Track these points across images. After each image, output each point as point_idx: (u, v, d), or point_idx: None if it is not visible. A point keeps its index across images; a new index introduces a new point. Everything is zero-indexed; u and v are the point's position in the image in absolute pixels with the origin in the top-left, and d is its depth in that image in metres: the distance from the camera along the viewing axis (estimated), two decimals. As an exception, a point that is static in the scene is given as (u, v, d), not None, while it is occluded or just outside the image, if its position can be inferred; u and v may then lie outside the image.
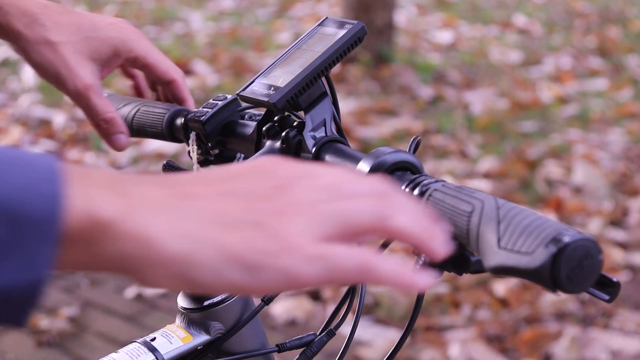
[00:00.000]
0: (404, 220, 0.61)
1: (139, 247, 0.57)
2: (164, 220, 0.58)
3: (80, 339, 2.82)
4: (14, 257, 0.54)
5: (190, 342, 0.95)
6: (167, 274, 0.58)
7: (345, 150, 0.92)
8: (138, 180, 0.60)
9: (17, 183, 0.55)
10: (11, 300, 0.55)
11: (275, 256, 0.58)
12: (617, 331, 2.82)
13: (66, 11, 1.09)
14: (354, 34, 0.94)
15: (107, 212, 0.56)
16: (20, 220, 0.54)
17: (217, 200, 0.60)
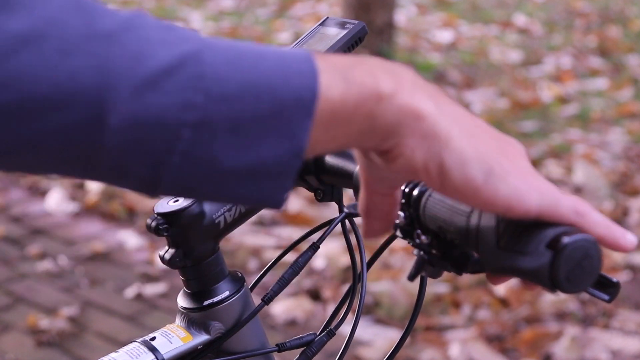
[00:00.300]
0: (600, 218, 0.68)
1: (411, 117, 0.64)
2: (432, 104, 0.64)
3: (80, 339, 2.82)
4: (277, 131, 0.60)
5: (190, 341, 0.95)
6: (425, 147, 0.64)
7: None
8: (398, 67, 0.66)
9: (276, 65, 0.61)
10: (274, 173, 0.62)
11: (512, 175, 0.65)
12: (617, 331, 2.82)
13: None
14: (354, 33, 0.94)
15: (387, 87, 0.63)
16: (282, 97, 0.60)
17: (469, 119, 0.67)
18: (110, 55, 0.58)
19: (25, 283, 3.15)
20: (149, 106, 0.58)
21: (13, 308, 2.99)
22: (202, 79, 0.59)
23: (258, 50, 0.62)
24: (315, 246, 0.97)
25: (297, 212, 3.48)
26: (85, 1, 0.60)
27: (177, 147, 0.59)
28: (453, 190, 0.66)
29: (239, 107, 0.60)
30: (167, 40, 0.60)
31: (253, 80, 0.60)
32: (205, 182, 0.61)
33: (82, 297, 3.05)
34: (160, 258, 0.95)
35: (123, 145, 0.58)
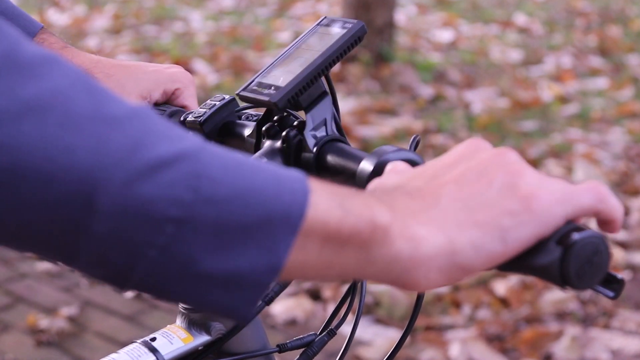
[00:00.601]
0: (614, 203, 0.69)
1: (408, 247, 0.64)
2: (423, 223, 0.65)
3: (79, 339, 2.82)
4: (259, 243, 0.61)
5: (191, 342, 0.95)
6: (434, 268, 0.64)
7: (347, 149, 0.92)
8: (386, 192, 0.68)
9: (271, 180, 0.62)
10: (246, 284, 0.61)
11: (523, 214, 0.65)
12: (617, 331, 2.82)
13: (118, 64, 1.15)
14: (354, 33, 0.93)
15: (383, 219, 0.64)
16: (271, 210, 0.61)
17: (455, 186, 0.66)
18: (110, 139, 0.58)
19: (25, 283, 3.15)
20: (139, 196, 0.58)
21: (13, 308, 2.99)
22: (196, 177, 0.59)
23: (255, 163, 0.63)
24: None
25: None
26: (94, 83, 0.60)
27: (158, 241, 0.59)
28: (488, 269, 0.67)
29: (226, 212, 0.60)
30: (169, 134, 0.60)
31: (245, 189, 0.60)
32: (176, 282, 0.61)
33: (82, 297, 3.05)
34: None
35: (108, 231, 0.58)
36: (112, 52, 5.75)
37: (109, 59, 1.16)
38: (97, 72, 1.13)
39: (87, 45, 5.91)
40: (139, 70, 1.15)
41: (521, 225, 0.65)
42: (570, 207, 0.66)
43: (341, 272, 0.65)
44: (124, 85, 1.12)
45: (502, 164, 0.67)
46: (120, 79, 1.13)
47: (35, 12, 6.75)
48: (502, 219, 0.65)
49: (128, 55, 5.70)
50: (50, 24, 6.51)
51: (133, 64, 1.16)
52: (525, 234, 0.65)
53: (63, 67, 0.59)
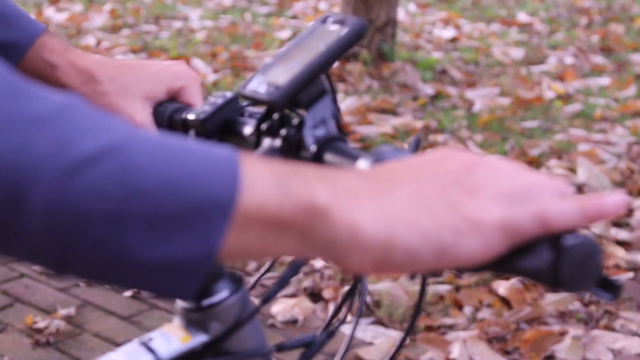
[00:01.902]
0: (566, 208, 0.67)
1: (347, 233, 0.64)
2: (367, 209, 0.64)
3: (77, 339, 2.82)
4: (191, 229, 0.61)
5: (189, 342, 0.96)
6: (369, 258, 0.64)
7: (346, 148, 0.92)
8: (336, 172, 0.67)
9: (201, 166, 0.62)
10: (183, 270, 0.62)
11: (467, 233, 0.64)
12: (619, 332, 2.81)
13: (121, 64, 1.16)
14: (354, 31, 0.94)
15: (323, 200, 0.64)
16: (200, 198, 0.61)
17: (412, 186, 0.66)
18: (34, 141, 0.58)
19: (22, 283, 3.15)
20: (67, 194, 0.59)
21: (10, 308, 2.99)
22: (122, 171, 0.60)
23: (185, 149, 0.63)
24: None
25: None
26: (18, 84, 0.60)
27: (90, 235, 0.60)
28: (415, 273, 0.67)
29: (156, 203, 0.60)
30: (94, 129, 0.60)
31: (174, 178, 0.61)
32: (112, 271, 0.62)
33: (80, 297, 3.05)
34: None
35: (38, 228, 0.59)
36: (110, 51, 5.76)
37: (112, 60, 1.17)
38: (100, 73, 1.14)
39: (85, 44, 5.92)
40: (142, 70, 1.15)
41: (460, 245, 0.64)
42: (512, 236, 0.66)
43: (281, 251, 0.65)
44: (128, 86, 1.13)
45: (460, 179, 0.67)
46: (124, 80, 1.14)
47: (34, 10, 6.75)
48: (445, 234, 0.64)
49: (126, 53, 5.71)
50: (48, 22, 6.52)
51: (136, 64, 1.17)
52: (462, 254, 0.65)
53: None
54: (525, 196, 0.67)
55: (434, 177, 0.67)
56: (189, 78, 1.16)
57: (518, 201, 0.66)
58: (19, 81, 0.60)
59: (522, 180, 0.68)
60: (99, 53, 5.65)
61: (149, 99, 1.14)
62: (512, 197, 0.66)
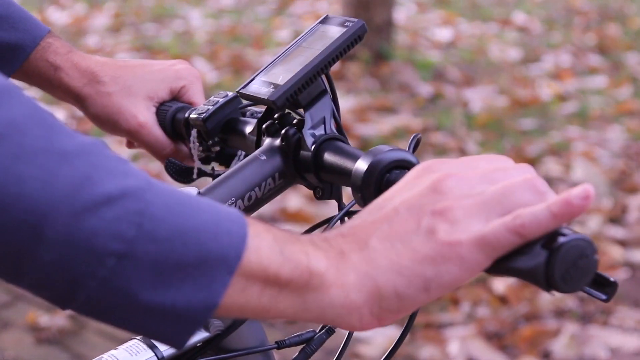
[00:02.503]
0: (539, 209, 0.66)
1: (340, 295, 0.66)
2: (352, 267, 0.67)
3: (79, 336, 2.82)
4: (196, 280, 0.63)
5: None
6: (365, 314, 0.67)
7: (345, 148, 0.92)
8: (323, 238, 0.69)
9: (211, 220, 0.64)
10: (182, 319, 0.64)
11: (448, 260, 0.65)
12: (616, 328, 2.82)
13: (124, 65, 1.16)
14: (354, 32, 0.94)
15: (318, 266, 0.66)
16: (208, 250, 0.63)
17: (386, 227, 0.68)
18: (60, 173, 0.60)
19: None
20: (84, 229, 0.60)
21: (13, 305, 2.99)
22: (139, 215, 0.62)
23: (196, 202, 0.65)
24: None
25: (297, 210, 3.48)
26: (49, 117, 0.62)
27: (98, 272, 0.61)
28: (412, 310, 0.68)
29: (166, 250, 0.62)
30: (116, 171, 0.62)
31: (185, 228, 0.63)
32: (115, 311, 0.64)
33: (82, 295, 3.05)
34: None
35: (52, 260, 0.61)
36: (112, 51, 5.75)
37: (115, 61, 1.17)
38: (103, 74, 1.14)
39: (87, 44, 5.91)
40: (144, 70, 1.15)
41: (443, 274, 0.66)
42: (492, 250, 0.66)
43: (278, 314, 0.67)
44: (131, 86, 1.14)
45: (431, 202, 0.67)
46: (126, 80, 1.14)
47: (35, 10, 6.74)
48: (425, 268, 0.66)
49: (128, 53, 5.70)
50: (50, 22, 6.51)
51: (138, 64, 1.17)
52: (447, 281, 0.66)
53: (19, 98, 0.61)
54: (499, 203, 0.67)
55: (406, 209, 0.68)
56: (190, 77, 1.16)
57: (493, 210, 0.67)
58: (50, 115, 0.62)
59: (495, 185, 0.68)
60: (101, 53, 5.65)
61: (151, 99, 1.14)
62: (487, 206, 0.67)
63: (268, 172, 0.95)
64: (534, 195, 0.68)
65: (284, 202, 3.51)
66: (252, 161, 0.96)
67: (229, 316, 0.67)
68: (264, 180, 0.95)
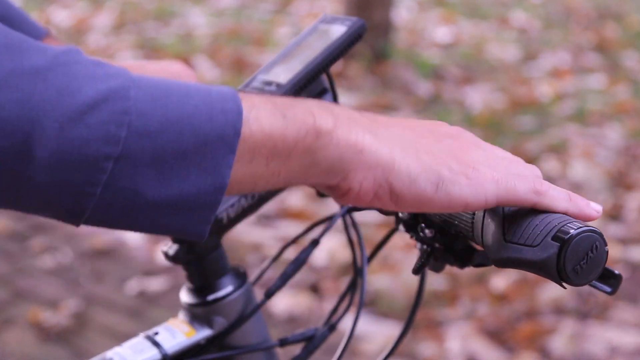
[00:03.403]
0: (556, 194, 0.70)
1: (352, 151, 0.66)
2: (369, 135, 0.67)
3: (82, 334, 2.83)
4: (199, 166, 0.62)
5: (194, 336, 0.96)
6: (371, 177, 0.66)
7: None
8: (336, 105, 0.69)
9: (201, 103, 0.63)
10: (195, 206, 0.63)
11: (462, 174, 0.67)
12: (614, 325, 2.82)
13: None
14: (354, 30, 0.94)
15: (326, 123, 0.66)
16: (204, 134, 0.62)
17: (410, 132, 0.69)
18: (36, 90, 0.59)
19: (27, 278, 3.15)
20: (73, 140, 0.60)
21: (15, 303, 3.00)
22: (126, 114, 0.61)
23: (185, 88, 0.64)
24: (316, 242, 0.97)
25: (299, 209, 3.49)
26: (15, 38, 0.61)
27: (100, 179, 0.61)
28: (409, 207, 0.68)
29: (161, 143, 0.61)
30: (94, 76, 0.62)
31: (176, 117, 0.62)
32: (127, 213, 0.63)
33: (85, 292, 3.06)
34: (164, 254, 0.96)
35: (49, 177, 0.60)
36: (113, 50, 5.76)
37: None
38: None
39: (89, 43, 5.91)
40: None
41: (455, 183, 0.67)
42: (504, 190, 0.68)
43: (287, 177, 0.67)
44: None
45: (456, 135, 0.71)
46: None
47: (37, 9, 6.74)
48: (442, 168, 0.67)
49: (129, 52, 5.71)
50: (52, 22, 6.51)
51: (133, 65, 1.17)
52: (456, 192, 0.67)
53: None
54: (517, 167, 0.71)
55: (428, 130, 0.70)
56: (186, 77, 1.16)
57: (511, 169, 0.70)
58: (15, 36, 0.61)
59: (514, 161, 0.72)
60: (102, 52, 5.65)
61: None
62: (507, 168, 0.70)
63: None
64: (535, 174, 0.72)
65: (286, 200, 3.52)
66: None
67: (241, 191, 0.67)
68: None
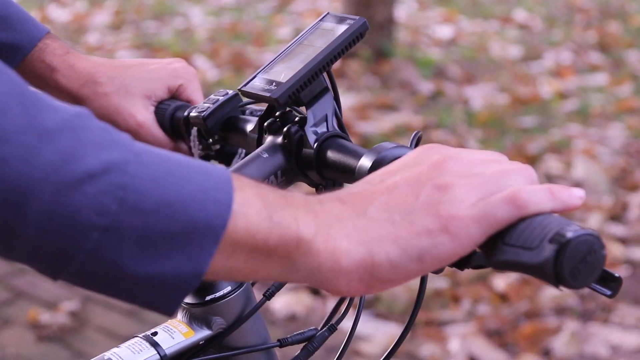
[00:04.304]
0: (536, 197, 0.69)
1: (330, 260, 0.67)
2: (347, 233, 0.67)
3: (80, 334, 2.83)
4: (182, 250, 0.64)
5: (192, 337, 0.95)
6: (354, 280, 0.67)
7: (348, 145, 0.92)
8: (319, 200, 0.69)
9: (197, 188, 0.64)
10: (170, 287, 0.65)
11: (443, 231, 0.66)
12: (616, 326, 2.82)
13: (120, 65, 1.17)
14: (355, 29, 0.94)
15: (307, 231, 0.67)
16: (194, 221, 0.63)
17: (385, 198, 0.69)
18: (42, 151, 0.60)
19: (26, 278, 3.15)
20: (66, 205, 0.61)
21: (14, 303, 3.00)
22: (122, 188, 0.62)
23: (186, 170, 0.65)
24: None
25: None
26: (30, 94, 0.62)
27: (84, 246, 0.62)
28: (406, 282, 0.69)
29: (151, 222, 0.63)
30: (100, 144, 0.62)
31: (171, 200, 0.63)
32: (104, 282, 0.65)
33: (83, 292, 3.05)
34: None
35: (36, 235, 0.62)
36: (112, 48, 5.75)
37: (111, 61, 1.17)
38: (100, 75, 1.14)
39: (88, 41, 5.91)
40: (141, 70, 1.15)
41: (439, 246, 0.67)
42: (488, 225, 0.67)
43: (266, 276, 0.68)
44: (128, 86, 1.13)
45: (432, 177, 0.69)
46: (123, 80, 1.14)
47: (36, 8, 6.74)
48: (421, 239, 0.67)
49: (129, 51, 5.70)
50: (51, 20, 6.51)
51: (135, 63, 1.17)
52: (442, 254, 0.67)
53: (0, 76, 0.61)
54: (496, 183, 0.69)
55: (407, 184, 0.69)
56: (187, 75, 1.17)
57: (490, 189, 0.68)
58: (30, 91, 0.62)
59: (493, 168, 0.70)
60: (102, 50, 5.65)
61: (149, 98, 1.14)
62: (485, 186, 0.68)
63: (270, 170, 0.95)
64: (528, 181, 0.70)
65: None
66: (254, 159, 0.96)
67: (217, 279, 0.68)
68: (266, 178, 0.95)
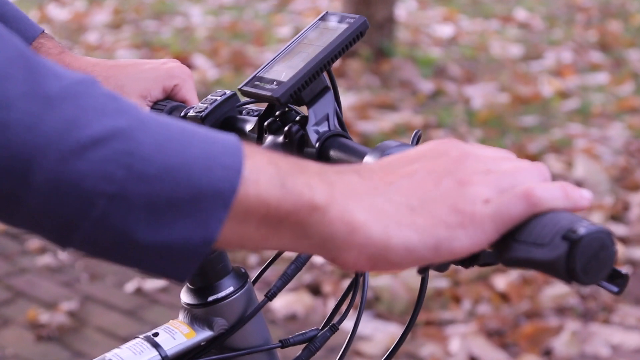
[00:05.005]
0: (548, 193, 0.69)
1: (344, 231, 0.65)
2: (364, 208, 0.66)
3: (80, 334, 2.82)
4: (191, 217, 0.62)
5: (194, 337, 0.96)
6: (364, 255, 0.66)
7: (350, 144, 0.92)
8: (336, 170, 0.68)
9: (204, 153, 0.63)
10: (180, 255, 0.63)
11: (460, 226, 0.66)
12: (617, 326, 2.82)
13: (115, 65, 1.17)
14: (355, 28, 0.94)
15: (321, 198, 0.65)
16: (201, 186, 0.62)
17: (407, 182, 0.68)
18: (45, 118, 0.60)
19: (25, 277, 3.15)
20: (71, 172, 0.60)
21: (13, 302, 2.99)
22: (128, 155, 0.61)
23: (189, 136, 0.64)
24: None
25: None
26: (34, 59, 0.61)
27: (91, 214, 0.61)
28: (412, 267, 0.68)
29: (157, 189, 0.62)
30: (104, 110, 0.61)
31: (177, 165, 0.62)
32: (112, 250, 0.64)
33: (82, 292, 3.05)
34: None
35: (41, 203, 0.61)
36: (112, 47, 5.75)
37: (106, 61, 1.17)
38: (95, 75, 1.14)
39: (87, 40, 5.91)
40: (136, 70, 1.15)
41: (455, 239, 0.66)
42: (502, 222, 0.67)
43: (277, 244, 0.67)
44: (123, 86, 1.13)
45: (452, 171, 0.69)
46: (118, 80, 1.14)
47: (35, 7, 6.74)
48: (438, 229, 0.66)
49: (128, 50, 5.70)
50: (51, 19, 6.51)
51: (130, 64, 1.17)
52: (457, 247, 0.67)
53: (3, 41, 0.60)
54: (511, 180, 0.69)
55: (427, 173, 0.68)
56: (183, 75, 1.16)
57: (504, 186, 0.68)
58: (34, 57, 0.61)
59: (506, 165, 0.70)
60: (101, 50, 5.65)
61: (144, 98, 1.14)
62: (500, 183, 0.68)
63: (271, 170, 0.95)
64: (541, 179, 0.70)
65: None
66: (254, 158, 0.95)
67: (228, 248, 0.67)
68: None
